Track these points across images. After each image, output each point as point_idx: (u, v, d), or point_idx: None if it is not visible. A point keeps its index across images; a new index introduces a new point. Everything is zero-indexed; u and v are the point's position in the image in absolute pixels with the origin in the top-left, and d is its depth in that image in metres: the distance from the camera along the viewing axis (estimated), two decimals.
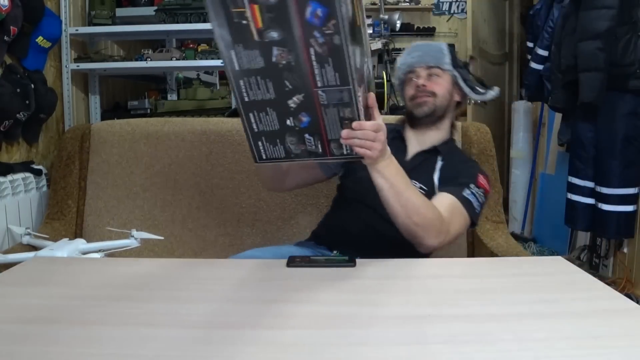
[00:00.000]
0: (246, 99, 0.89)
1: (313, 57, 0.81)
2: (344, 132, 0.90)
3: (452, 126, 1.41)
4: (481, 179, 1.26)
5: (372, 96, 0.94)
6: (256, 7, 0.78)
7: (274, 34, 0.80)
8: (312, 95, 0.86)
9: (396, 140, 1.35)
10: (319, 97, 0.86)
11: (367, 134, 0.92)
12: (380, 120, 0.95)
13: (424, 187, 1.25)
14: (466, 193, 1.20)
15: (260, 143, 0.95)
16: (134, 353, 0.65)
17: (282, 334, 0.70)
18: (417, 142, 1.35)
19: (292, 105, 0.88)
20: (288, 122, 0.90)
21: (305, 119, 0.89)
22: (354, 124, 0.90)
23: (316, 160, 0.97)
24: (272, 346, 0.67)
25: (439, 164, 1.30)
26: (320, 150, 0.93)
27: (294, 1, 0.76)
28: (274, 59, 0.83)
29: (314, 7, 0.76)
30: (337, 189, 1.43)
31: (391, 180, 1.03)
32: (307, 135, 0.91)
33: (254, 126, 0.92)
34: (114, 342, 0.68)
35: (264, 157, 0.96)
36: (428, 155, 1.32)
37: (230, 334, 0.70)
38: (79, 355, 0.64)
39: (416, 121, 1.35)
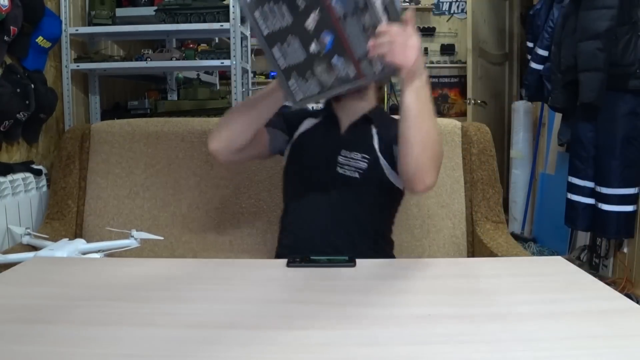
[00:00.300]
0: (266, 32, 0.88)
1: None
2: (371, 42, 0.85)
3: (377, 97, 1.40)
4: None
5: (408, 12, 0.89)
6: None
7: None
8: (327, 9, 0.84)
9: (327, 119, 1.34)
10: (334, 8, 0.84)
11: (396, 37, 0.85)
12: (415, 33, 0.89)
13: (366, 156, 1.25)
14: None
15: (292, 81, 0.93)
16: (133, 353, 0.65)
17: (282, 334, 0.70)
18: (346, 115, 1.32)
19: (311, 25, 0.86)
20: (312, 48, 0.88)
21: (327, 39, 0.86)
22: (379, 29, 0.85)
23: (351, 87, 0.93)
24: (272, 346, 0.67)
25: (374, 130, 1.29)
26: (352, 74, 0.90)
27: None
28: None
29: None
30: (284, 196, 1.40)
31: (422, 104, 0.97)
32: (334, 60, 0.88)
33: (281, 62, 0.91)
34: (114, 342, 0.68)
35: (299, 96, 0.95)
36: (361, 124, 1.31)
37: (230, 334, 0.70)
38: (78, 356, 0.64)
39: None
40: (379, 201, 1.30)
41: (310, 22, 0.85)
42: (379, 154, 1.25)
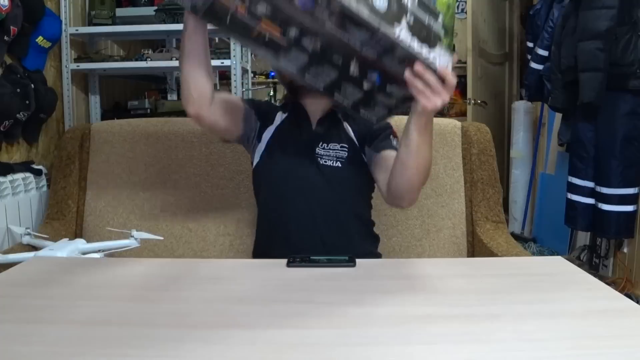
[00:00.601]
0: (321, 87, 0.94)
1: (332, 28, 0.83)
2: (407, 73, 0.89)
3: None
4: (394, 129, 1.29)
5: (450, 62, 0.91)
6: (264, 20, 0.82)
7: (294, 31, 0.84)
8: (360, 56, 0.88)
9: (296, 115, 1.34)
10: (366, 55, 0.87)
11: (434, 85, 0.89)
12: (450, 90, 0.92)
13: (345, 145, 1.29)
14: (394, 143, 1.24)
15: (362, 112, 0.99)
16: (134, 353, 0.65)
17: (282, 334, 0.70)
18: (312, 111, 1.33)
19: (355, 72, 0.90)
20: (365, 86, 0.93)
21: (374, 76, 0.91)
22: (418, 68, 0.88)
23: (411, 102, 0.98)
24: (272, 346, 0.67)
25: (344, 123, 1.33)
26: (409, 93, 0.93)
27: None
28: (310, 49, 0.86)
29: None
30: (261, 193, 1.39)
31: (425, 136, 1.03)
32: (388, 88, 0.93)
33: (346, 102, 0.96)
34: (114, 342, 0.68)
35: (374, 119, 1.02)
36: (330, 118, 1.32)
37: (231, 334, 0.70)
38: (78, 355, 0.64)
39: (299, 90, 1.31)
40: (361, 186, 1.33)
41: (353, 69, 0.90)
42: (357, 144, 1.30)
